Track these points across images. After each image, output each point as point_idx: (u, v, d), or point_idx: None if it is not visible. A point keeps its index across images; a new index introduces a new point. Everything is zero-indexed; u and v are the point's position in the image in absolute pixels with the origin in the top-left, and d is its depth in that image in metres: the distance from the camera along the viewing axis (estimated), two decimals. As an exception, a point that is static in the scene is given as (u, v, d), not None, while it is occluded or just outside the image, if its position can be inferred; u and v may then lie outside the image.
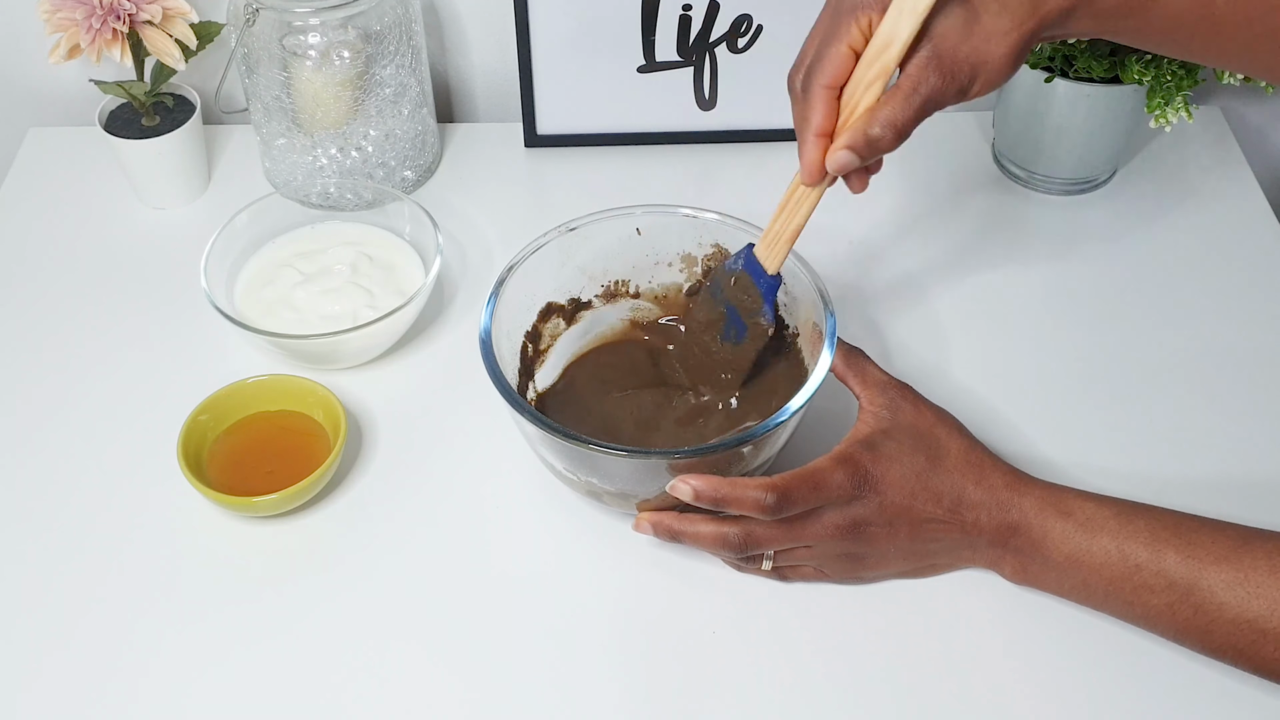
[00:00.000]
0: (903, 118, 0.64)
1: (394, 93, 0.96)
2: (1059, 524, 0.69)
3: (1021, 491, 0.70)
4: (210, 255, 0.87)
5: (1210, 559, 0.65)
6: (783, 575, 0.74)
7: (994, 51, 0.64)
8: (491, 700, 0.71)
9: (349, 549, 0.78)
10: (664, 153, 1.05)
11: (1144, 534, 0.67)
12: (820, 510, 0.70)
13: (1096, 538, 0.68)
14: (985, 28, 0.64)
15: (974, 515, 0.71)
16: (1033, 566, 0.71)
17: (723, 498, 0.68)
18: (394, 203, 0.93)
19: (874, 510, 0.70)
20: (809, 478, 0.69)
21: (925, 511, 0.70)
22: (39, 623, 0.74)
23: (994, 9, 0.64)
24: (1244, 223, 0.99)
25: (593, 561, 0.77)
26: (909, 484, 0.70)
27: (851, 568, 0.73)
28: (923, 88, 0.64)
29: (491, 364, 0.73)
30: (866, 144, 0.65)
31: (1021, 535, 0.70)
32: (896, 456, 0.70)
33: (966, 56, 0.64)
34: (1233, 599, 0.64)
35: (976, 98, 0.66)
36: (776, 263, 0.74)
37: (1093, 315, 0.92)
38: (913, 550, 0.72)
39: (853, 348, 0.76)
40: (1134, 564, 0.67)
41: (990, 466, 0.72)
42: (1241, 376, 0.87)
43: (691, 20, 0.98)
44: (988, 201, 1.01)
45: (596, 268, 0.83)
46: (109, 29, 0.91)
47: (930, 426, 0.73)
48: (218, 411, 0.81)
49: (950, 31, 0.63)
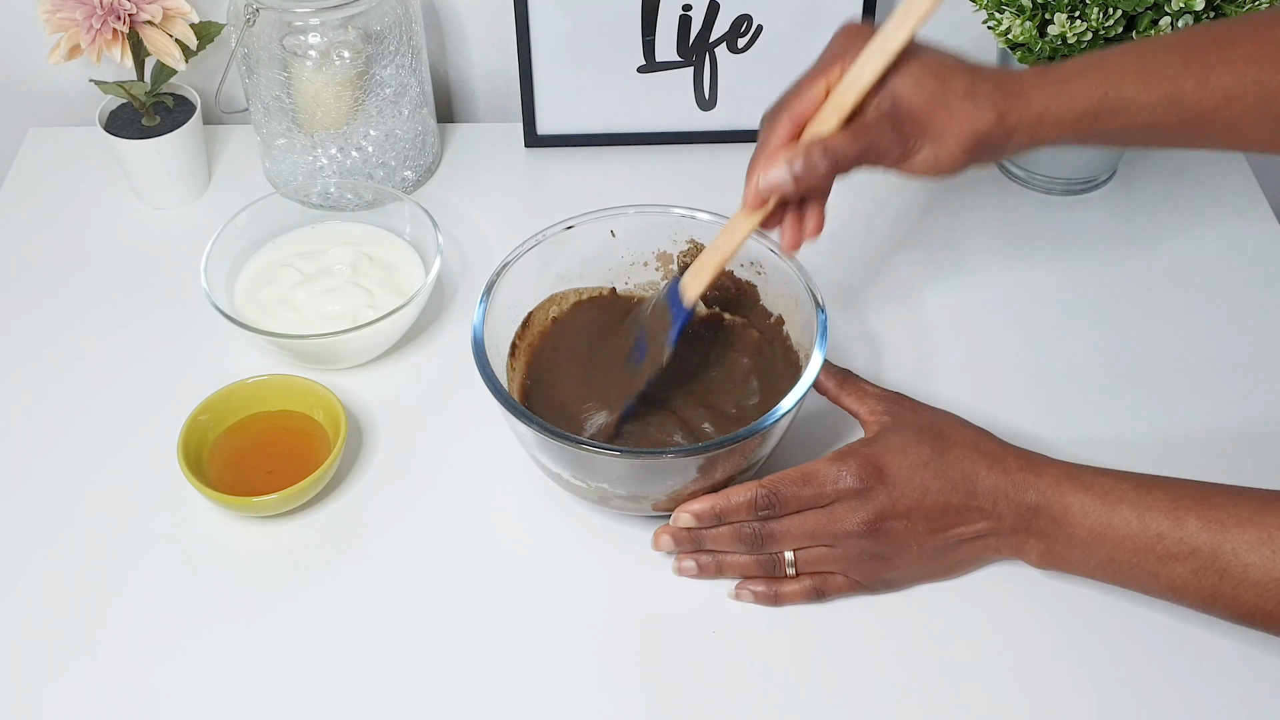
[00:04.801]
0: (843, 151, 0.66)
1: (394, 93, 0.96)
2: (1078, 498, 0.69)
3: (1038, 472, 0.70)
4: (210, 255, 0.87)
5: (1233, 522, 0.65)
6: (819, 593, 0.74)
7: (949, 130, 0.67)
8: (492, 699, 0.71)
9: (349, 549, 0.78)
10: (664, 153, 1.05)
11: (1164, 502, 0.67)
12: (832, 507, 0.70)
13: (1117, 509, 0.68)
14: (948, 107, 0.67)
15: (990, 501, 0.70)
16: (1057, 546, 0.70)
17: (720, 510, 0.71)
18: (394, 203, 0.93)
19: (886, 503, 0.70)
20: (798, 472, 0.71)
21: (940, 500, 0.70)
22: (38, 622, 0.74)
23: (961, 92, 0.67)
24: (1244, 223, 0.99)
25: (593, 561, 0.77)
26: (917, 473, 0.70)
27: (878, 569, 0.72)
28: (872, 133, 0.67)
29: (483, 364, 0.73)
30: (803, 162, 0.66)
31: (1042, 515, 0.70)
32: (901, 448, 0.71)
33: (923, 124, 0.67)
34: (1258, 559, 0.64)
35: (922, 176, 0.69)
36: (694, 293, 0.74)
37: (1093, 315, 0.92)
38: (936, 546, 0.72)
39: (843, 370, 0.77)
40: (1155, 533, 0.67)
41: (1002, 451, 0.71)
42: (1243, 377, 0.87)
43: (691, 20, 0.98)
44: (988, 201, 1.01)
45: (573, 272, 0.84)
46: (109, 29, 0.91)
47: (933, 420, 0.73)
48: (218, 411, 0.81)
49: (915, 97, 0.67)
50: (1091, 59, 0.70)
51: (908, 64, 0.67)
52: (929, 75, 0.66)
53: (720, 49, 1.00)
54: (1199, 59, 0.68)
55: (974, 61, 0.69)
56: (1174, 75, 0.68)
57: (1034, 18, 0.89)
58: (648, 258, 0.85)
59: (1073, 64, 0.70)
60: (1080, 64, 0.70)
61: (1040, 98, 0.68)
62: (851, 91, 0.66)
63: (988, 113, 0.67)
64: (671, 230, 0.83)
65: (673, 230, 0.83)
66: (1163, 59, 0.69)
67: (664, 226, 0.83)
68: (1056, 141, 0.70)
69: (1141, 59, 0.69)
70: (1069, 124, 0.69)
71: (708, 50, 1.00)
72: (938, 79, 0.67)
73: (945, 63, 0.68)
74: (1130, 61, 0.69)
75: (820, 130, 0.67)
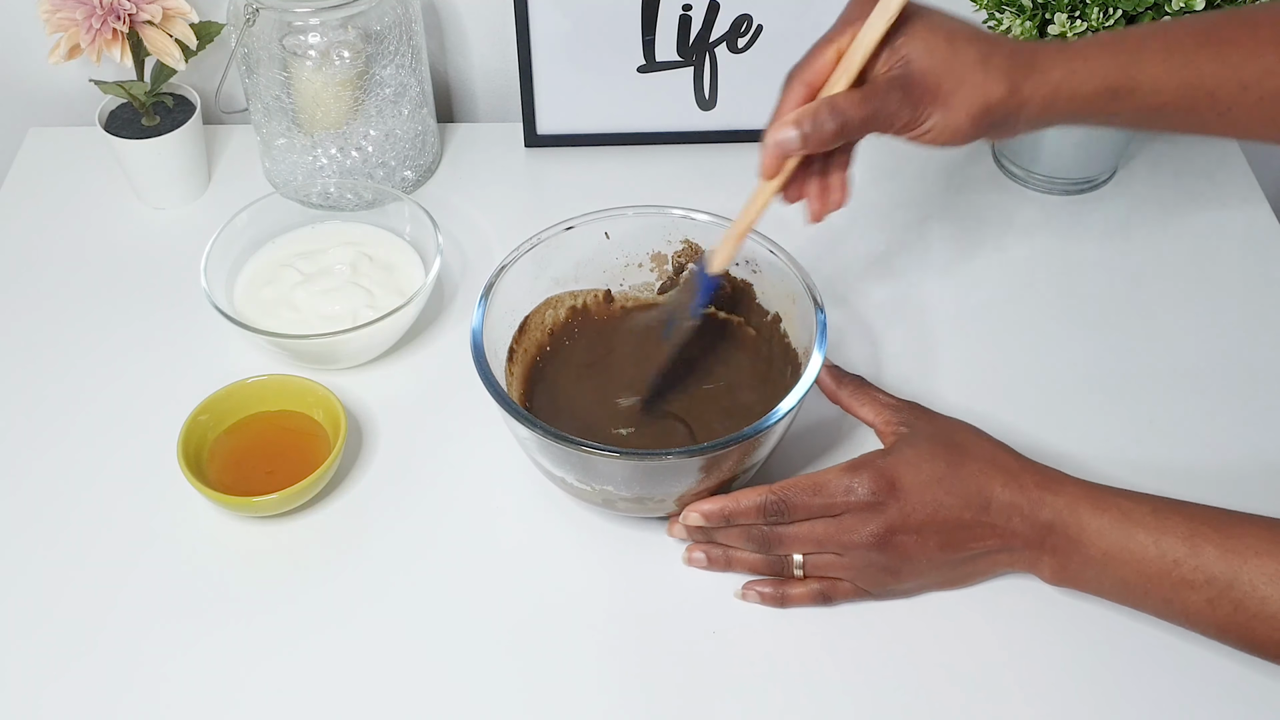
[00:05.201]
0: (851, 111, 0.66)
1: (394, 93, 0.96)
2: (1095, 519, 0.68)
3: (1055, 490, 0.69)
4: (210, 255, 0.87)
5: (1250, 552, 0.64)
6: (826, 597, 0.73)
7: (959, 98, 0.66)
8: (491, 699, 0.71)
9: (349, 549, 0.78)
10: (664, 153, 1.05)
11: (1182, 528, 0.66)
12: (842, 517, 0.70)
13: (1133, 533, 0.67)
14: (959, 74, 0.66)
15: (1005, 517, 0.69)
16: (1071, 565, 0.69)
17: (729, 512, 0.71)
18: (394, 203, 0.93)
19: (897, 517, 0.69)
20: (810, 480, 0.70)
21: (952, 516, 0.69)
22: (38, 622, 0.74)
23: (973, 61, 0.66)
24: (1244, 223, 0.99)
25: (592, 561, 0.77)
26: (930, 488, 0.69)
27: (886, 579, 0.72)
28: (881, 96, 0.66)
29: (484, 368, 0.73)
30: (811, 121, 0.65)
31: (1058, 533, 0.69)
32: (915, 462, 0.70)
33: (932, 90, 0.66)
34: (1275, 592, 0.63)
35: (928, 142, 0.68)
36: (719, 261, 0.74)
37: (1093, 316, 0.92)
38: (947, 560, 0.71)
39: (855, 377, 0.76)
40: (1172, 559, 0.66)
41: (1019, 467, 0.71)
42: (1243, 377, 0.87)
43: (691, 20, 0.98)
44: (988, 201, 1.01)
45: (568, 275, 0.84)
46: (109, 29, 0.91)
47: (950, 433, 0.72)
48: (218, 411, 0.81)
49: (925, 62, 0.66)
50: (1111, 37, 0.69)
51: (921, 29, 0.66)
52: (941, 41, 0.66)
53: (720, 49, 1.00)
54: (1219, 43, 0.68)
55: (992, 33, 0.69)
56: (1194, 58, 0.67)
57: (1034, 18, 0.89)
58: (642, 259, 0.85)
59: (1092, 41, 0.69)
60: (1099, 41, 0.69)
61: (1057, 72, 0.67)
62: (857, 54, 0.66)
63: (999, 83, 0.66)
64: (667, 231, 0.83)
65: (669, 231, 0.83)
66: (1184, 41, 0.68)
67: (661, 227, 0.83)
68: (1068, 119, 0.69)
69: (1163, 40, 0.68)
70: (1084, 101, 0.68)
71: (708, 50, 1.00)
72: (950, 46, 0.66)
73: (960, 30, 0.67)
74: (1151, 42, 0.68)
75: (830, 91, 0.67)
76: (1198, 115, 0.69)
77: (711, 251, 0.75)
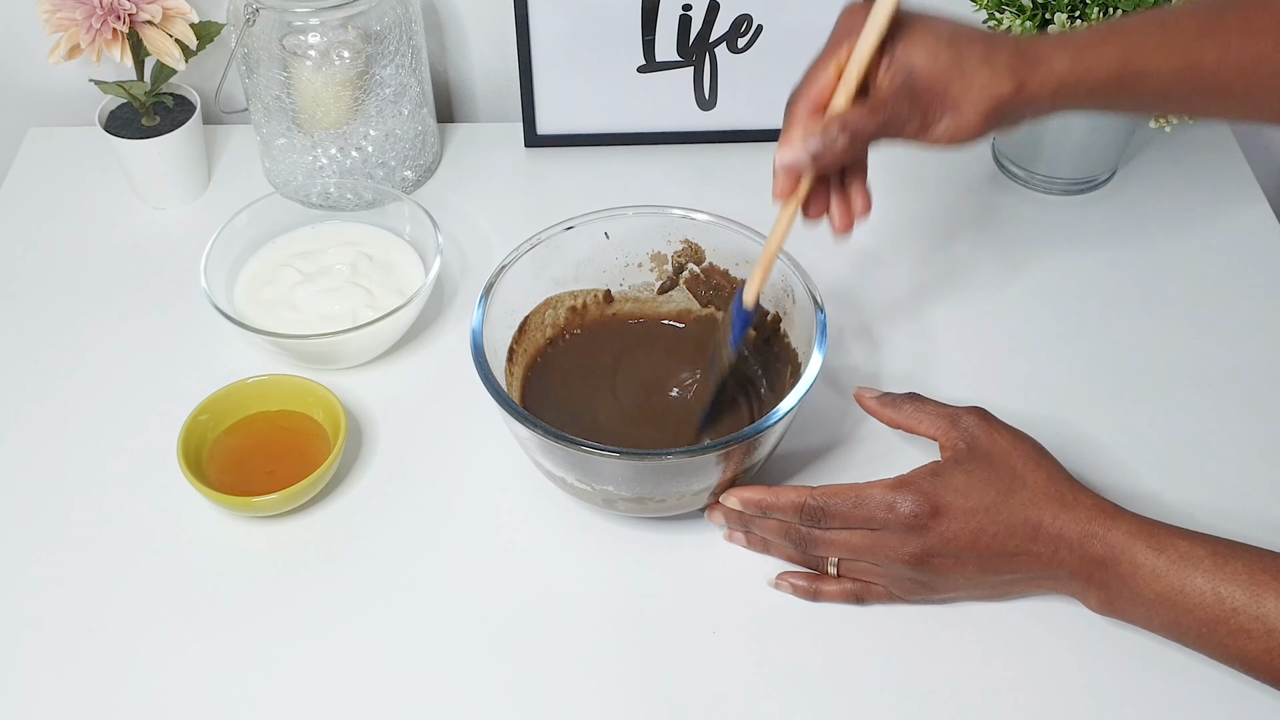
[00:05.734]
0: (861, 125, 0.65)
1: (394, 93, 0.96)
2: (1151, 560, 0.66)
3: (1110, 525, 0.68)
4: (210, 255, 0.87)
5: None
6: (858, 598, 0.74)
7: (968, 99, 0.66)
8: (491, 699, 0.71)
9: (349, 549, 0.78)
10: (664, 153, 1.05)
11: (1242, 575, 0.64)
12: (880, 532, 0.69)
13: (1191, 577, 0.65)
14: (964, 75, 0.65)
15: (1053, 548, 0.68)
16: (1120, 601, 0.68)
17: (767, 505, 0.72)
18: (394, 203, 0.93)
19: (937, 542, 0.69)
20: (853, 491, 0.70)
21: (995, 545, 0.69)
22: (38, 622, 0.74)
23: (976, 60, 0.66)
24: (1244, 223, 0.99)
25: (592, 561, 0.77)
26: (976, 516, 0.68)
27: (920, 591, 0.72)
28: (889, 106, 0.65)
29: (484, 369, 0.73)
30: (820, 139, 0.65)
31: (1109, 569, 0.68)
32: (964, 490, 0.69)
33: (939, 94, 0.66)
34: None
35: (943, 146, 0.68)
36: (752, 292, 0.74)
37: (1092, 315, 0.92)
38: (985, 581, 0.71)
39: (907, 396, 0.76)
40: (1231, 607, 0.64)
41: (1074, 497, 0.69)
42: (1243, 376, 0.87)
43: (691, 20, 0.98)
44: (988, 201, 1.01)
45: (568, 275, 0.84)
46: (109, 29, 0.91)
47: (1006, 455, 0.71)
48: (218, 411, 0.81)
49: (930, 68, 0.65)
50: (1111, 27, 0.69)
51: (921, 35, 0.65)
52: (943, 45, 0.65)
53: (720, 49, 1.00)
54: (1220, 28, 0.67)
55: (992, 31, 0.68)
56: (1194, 44, 0.67)
57: (1034, 17, 0.89)
58: (642, 259, 0.84)
59: (1093, 32, 0.68)
60: (1101, 32, 0.68)
61: (1061, 65, 0.67)
62: (855, 67, 0.65)
63: (1006, 80, 0.66)
64: (667, 231, 0.83)
65: (669, 231, 0.83)
66: (1183, 27, 0.68)
67: (661, 227, 0.83)
68: (1076, 108, 0.69)
69: (1163, 27, 0.68)
70: (1090, 91, 0.67)
71: (708, 50, 1.00)
72: (952, 48, 0.65)
73: (960, 32, 0.67)
74: (1151, 30, 0.68)
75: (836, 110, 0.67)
76: (1200, 101, 0.70)
77: (744, 284, 0.74)
